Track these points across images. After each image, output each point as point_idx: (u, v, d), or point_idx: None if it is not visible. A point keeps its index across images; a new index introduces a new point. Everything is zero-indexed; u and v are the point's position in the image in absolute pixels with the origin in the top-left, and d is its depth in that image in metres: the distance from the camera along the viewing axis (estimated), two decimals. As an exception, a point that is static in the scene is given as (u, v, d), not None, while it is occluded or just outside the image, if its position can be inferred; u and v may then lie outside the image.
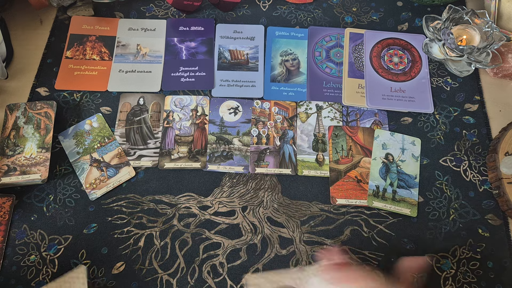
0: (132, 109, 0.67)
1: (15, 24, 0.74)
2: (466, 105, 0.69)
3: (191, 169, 0.63)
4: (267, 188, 0.62)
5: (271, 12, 0.77)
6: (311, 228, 0.60)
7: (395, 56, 0.72)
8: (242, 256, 0.58)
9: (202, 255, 0.58)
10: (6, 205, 0.58)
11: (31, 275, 0.56)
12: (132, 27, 0.74)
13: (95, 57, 0.71)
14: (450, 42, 0.66)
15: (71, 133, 0.65)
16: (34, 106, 0.64)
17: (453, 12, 0.69)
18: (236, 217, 0.60)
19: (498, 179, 0.60)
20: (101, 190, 0.61)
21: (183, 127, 0.66)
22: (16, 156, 0.60)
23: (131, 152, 0.64)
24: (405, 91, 0.69)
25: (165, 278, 0.56)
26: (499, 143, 0.62)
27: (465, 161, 0.64)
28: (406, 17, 0.77)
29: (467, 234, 0.60)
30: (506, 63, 0.68)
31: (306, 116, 0.67)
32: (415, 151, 0.65)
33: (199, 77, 0.70)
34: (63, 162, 0.63)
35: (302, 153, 0.65)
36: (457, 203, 0.61)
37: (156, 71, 0.70)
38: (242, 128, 0.66)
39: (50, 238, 0.58)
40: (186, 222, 0.59)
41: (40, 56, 0.71)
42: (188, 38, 0.74)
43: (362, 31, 0.75)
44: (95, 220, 0.59)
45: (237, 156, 0.64)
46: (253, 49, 0.73)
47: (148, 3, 0.77)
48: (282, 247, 0.58)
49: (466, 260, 0.58)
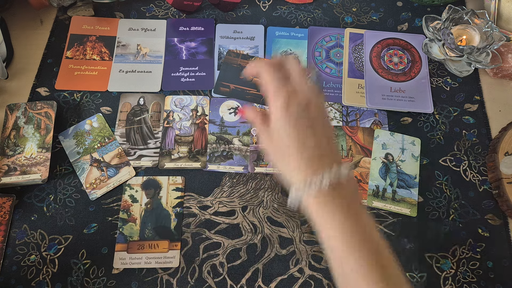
0: (132, 109, 0.67)
1: (15, 24, 0.74)
2: (466, 105, 0.69)
3: (191, 169, 0.63)
4: (267, 188, 0.62)
5: (271, 12, 0.77)
6: (311, 228, 0.60)
7: (395, 56, 0.72)
8: (242, 256, 0.58)
9: (202, 255, 0.58)
10: (6, 205, 0.59)
11: (31, 275, 0.56)
12: (132, 27, 0.74)
13: (95, 57, 0.71)
14: (450, 42, 0.66)
15: (71, 133, 0.65)
16: (34, 106, 0.64)
17: (453, 12, 0.69)
18: (236, 217, 0.60)
19: (498, 179, 0.60)
20: (101, 190, 0.61)
21: (183, 127, 0.66)
22: (16, 156, 0.60)
23: (131, 152, 0.64)
24: (405, 91, 0.69)
25: (165, 278, 0.56)
26: (499, 143, 0.62)
27: (465, 161, 0.64)
28: (406, 17, 0.77)
29: (467, 234, 0.60)
30: (506, 63, 0.68)
31: (306, 116, 0.67)
32: (415, 151, 0.65)
33: (199, 77, 0.70)
34: (63, 162, 0.63)
35: (302, 153, 0.64)
36: (457, 203, 0.62)
37: (156, 71, 0.70)
38: (242, 128, 0.66)
39: (50, 238, 0.58)
40: (186, 222, 0.60)
41: (40, 56, 0.71)
42: (188, 38, 0.74)
43: (362, 31, 0.75)
44: (95, 220, 0.59)
45: (237, 156, 0.64)
46: (253, 49, 0.73)
47: (148, 3, 0.77)
48: (282, 247, 0.58)
49: (466, 260, 0.58)
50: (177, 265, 0.57)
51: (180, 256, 0.57)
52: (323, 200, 0.37)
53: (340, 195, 0.37)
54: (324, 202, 0.37)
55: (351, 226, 0.36)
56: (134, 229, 0.58)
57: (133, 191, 0.61)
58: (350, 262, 0.35)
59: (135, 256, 0.57)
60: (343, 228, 0.36)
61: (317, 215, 0.37)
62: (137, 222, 0.59)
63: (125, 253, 0.57)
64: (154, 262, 0.56)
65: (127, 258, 0.57)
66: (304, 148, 0.39)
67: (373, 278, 0.34)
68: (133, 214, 0.59)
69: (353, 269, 0.35)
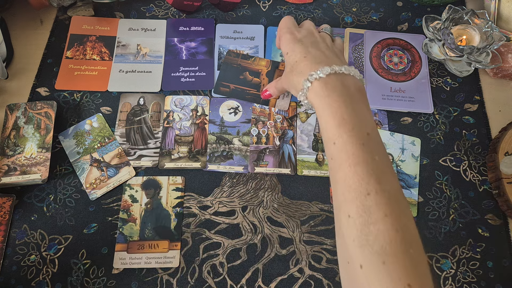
0: (132, 109, 0.67)
1: (15, 24, 0.74)
2: (466, 105, 0.69)
3: (191, 169, 0.63)
4: (267, 188, 0.62)
5: (271, 12, 0.77)
6: (311, 228, 0.60)
7: (395, 56, 0.72)
8: (242, 256, 0.58)
9: (202, 255, 0.58)
10: (6, 205, 0.59)
11: (31, 275, 0.56)
12: (132, 27, 0.74)
13: (95, 57, 0.71)
14: (450, 42, 0.66)
15: (71, 133, 0.65)
16: (34, 106, 0.64)
17: (453, 12, 0.69)
18: (236, 217, 0.60)
19: (498, 179, 0.60)
20: (101, 190, 0.61)
21: (183, 127, 0.66)
22: (16, 156, 0.60)
23: (131, 152, 0.64)
24: (405, 91, 0.69)
25: (165, 278, 0.56)
26: (499, 143, 0.62)
27: (465, 161, 0.64)
28: (406, 17, 0.77)
29: (467, 234, 0.60)
30: (506, 63, 0.68)
31: (306, 116, 0.67)
32: (415, 151, 0.65)
33: (199, 77, 0.70)
34: (63, 162, 0.63)
35: (302, 153, 0.65)
36: (457, 203, 0.62)
37: (156, 71, 0.70)
38: (242, 128, 0.66)
39: (50, 238, 0.58)
40: (186, 222, 0.60)
41: (40, 56, 0.71)
42: (188, 38, 0.74)
43: (362, 31, 0.75)
44: (95, 220, 0.59)
45: (237, 156, 0.64)
46: (253, 49, 0.73)
47: (148, 3, 0.77)
48: (282, 247, 0.58)
49: (466, 260, 0.58)
50: (177, 265, 0.57)
51: (180, 256, 0.57)
52: (320, 88, 0.45)
53: (336, 84, 0.44)
54: (320, 90, 0.44)
55: (344, 110, 0.42)
56: (134, 229, 0.58)
57: (133, 191, 0.61)
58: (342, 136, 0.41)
59: (135, 256, 0.57)
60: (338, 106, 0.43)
61: (315, 100, 0.45)
62: (137, 222, 0.59)
63: (125, 253, 0.57)
64: (154, 262, 0.56)
65: (127, 258, 0.57)
66: (308, 53, 0.50)
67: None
68: (133, 214, 0.59)
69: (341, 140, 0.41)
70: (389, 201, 0.36)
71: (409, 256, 0.34)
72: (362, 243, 0.34)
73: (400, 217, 0.35)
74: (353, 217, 0.36)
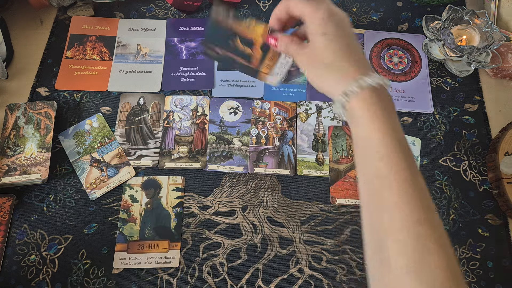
0: (132, 109, 0.67)
1: (15, 24, 0.74)
2: (466, 105, 0.69)
3: (191, 169, 0.63)
4: (267, 188, 0.62)
5: (271, 12, 0.77)
6: (311, 228, 0.60)
7: (395, 56, 0.72)
8: (242, 256, 0.58)
9: (202, 255, 0.58)
10: (6, 205, 0.59)
11: (31, 275, 0.56)
12: (132, 27, 0.74)
13: (95, 57, 0.71)
14: (450, 42, 0.66)
15: (71, 133, 0.65)
16: (34, 106, 0.64)
17: (453, 12, 0.69)
18: (236, 217, 0.60)
19: (498, 179, 0.60)
20: (101, 190, 0.61)
21: (183, 127, 0.66)
22: (16, 156, 0.60)
23: (131, 152, 0.64)
24: (405, 91, 0.69)
25: (165, 278, 0.56)
26: (499, 143, 0.62)
27: (465, 161, 0.64)
28: (406, 17, 0.77)
29: (467, 234, 0.60)
30: (506, 63, 0.68)
31: (306, 116, 0.67)
32: (415, 151, 0.65)
33: (199, 77, 0.70)
34: (63, 162, 0.63)
35: (302, 153, 0.65)
36: (457, 203, 0.62)
37: (156, 71, 0.70)
38: (242, 128, 0.66)
39: (50, 238, 0.58)
40: (186, 222, 0.60)
41: (40, 56, 0.71)
42: (188, 38, 0.74)
43: (362, 31, 0.75)
44: (95, 220, 0.59)
45: (237, 156, 0.64)
46: (253, 49, 0.73)
47: (148, 3, 0.77)
48: (282, 247, 0.58)
49: (466, 260, 0.58)
50: (177, 265, 0.57)
51: (180, 256, 0.57)
52: (368, 96, 0.40)
53: (382, 96, 0.41)
54: (369, 98, 0.40)
55: (393, 123, 0.40)
56: (134, 229, 0.58)
57: (133, 191, 0.61)
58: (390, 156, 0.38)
59: (135, 256, 0.57)
60: (386, 122, 0.40)
61: (362, 110, 0.40)
62: (137, 222, 0.59)
63: (125, 253, 0.57)
64: (154, 262, 0.56)
65: (127, 258, 0.57)
66: (349, 56, 0.42)
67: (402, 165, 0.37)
68: (133, 214, 0.59)
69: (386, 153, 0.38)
70: (436, 232, 0.35)
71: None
72: (411, 270, 0.33)
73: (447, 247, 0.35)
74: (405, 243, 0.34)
